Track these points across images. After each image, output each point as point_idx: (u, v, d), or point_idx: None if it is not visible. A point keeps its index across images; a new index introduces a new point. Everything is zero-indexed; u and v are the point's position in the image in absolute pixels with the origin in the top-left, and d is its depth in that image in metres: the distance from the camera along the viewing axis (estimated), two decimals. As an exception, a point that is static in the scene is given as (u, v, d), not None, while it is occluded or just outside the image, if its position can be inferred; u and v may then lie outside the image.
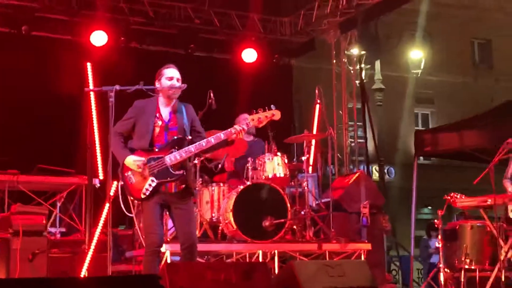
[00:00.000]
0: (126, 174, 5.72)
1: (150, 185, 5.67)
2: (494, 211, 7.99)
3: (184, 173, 5.78)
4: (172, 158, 5.71)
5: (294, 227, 8.52)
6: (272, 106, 6.06)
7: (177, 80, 5.89)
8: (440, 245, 8.83)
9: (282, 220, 8.01)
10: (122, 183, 5.79)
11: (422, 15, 20.96)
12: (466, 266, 8.29)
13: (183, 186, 5.79)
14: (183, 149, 5.75)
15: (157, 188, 5.69)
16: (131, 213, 6.18)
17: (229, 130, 5.88)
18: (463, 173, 11.29)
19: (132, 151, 5.77)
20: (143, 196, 5.69)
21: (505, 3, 25.82)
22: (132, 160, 5.68)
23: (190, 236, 5.80)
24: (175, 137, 5.80)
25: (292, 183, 8.77)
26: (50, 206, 9.42)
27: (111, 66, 10.56)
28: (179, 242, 5.84)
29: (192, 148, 5.77)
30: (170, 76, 5.89)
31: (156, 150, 5.76)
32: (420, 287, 10.52)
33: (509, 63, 25.85)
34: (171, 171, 5.70)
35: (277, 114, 6.05)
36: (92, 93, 9.59)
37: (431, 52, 23.47)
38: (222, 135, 5.85)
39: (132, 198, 5.88)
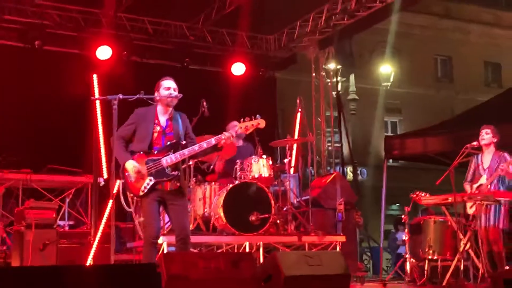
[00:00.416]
0: (126, 173, 5.71)
1: (148, 183, 5.67)
2: (454, 208, 8.01)
3: (178, 173, 5.78)
4: (168, 160, 5.71)
5: (277, 221, 8.51)
6: (258, 115, 6.09)
7: (174, 90, 5.90)
8: (406, 238, 8.87)
9: (267, 215, 8.00)
10: (123, 181, 5.77)
11: (391, 34, 21.05)
12: (430, 257, 8.32)
13: (178, 185, 5.79)
14: (178, 152, 5.76)
15: (154, 186, 5.68)
16: (131, 208, 6.14)
17: (219, 136, 5.90)
18: (427, 174, 11.32)
19: (133, 153, 5.75)
20: (141, 193, 5.68)
21: (463, 24, 26.01)
22: (132, 165, 5.66)
23: (184, 229, 5.79)
24: (171, 142, 5.80)
25: (276, 182, 8.76)
26: (60, 202, 9.39)
27: (114, 78, 10.52)
28: (175, 235, 5.82)
29: (186, 151, 5.78)
30: (168, 86, 5.89)
31: (155, 152, 5.75)
32: (389, 274, 10.51)
33: (468, 77, 26.02)
34: (167, 171, 5.70)
35: (262, 123, 6.10)
36: (97, 101, 9.57)
37: (399, 67, 23.57)
38: (213, 140, 5.87)
39: (131, 195, 5.85)
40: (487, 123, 8.85)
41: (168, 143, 5.78)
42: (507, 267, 6.83)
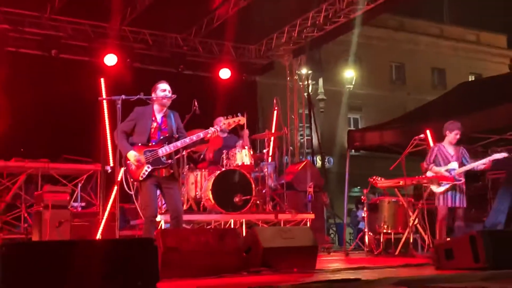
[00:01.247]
0: (128, 162, 5.70)
1: (146, 170, 5.66)
2: (405, 190, 8.09)
3: (172, 162, 5.77)
4: (163, 150, 5.71)
5: (257, 202, 8.53)
6: (239, 114, 6.13)
7: (169, 91, 5.89)
8: (365, 215, 8.90)
9: (248, 197, 8.02)
10: (125, 168, 5.77)
11: (353, 44, 21.07)
12: (384, 231, 8.36)
13: (172, 171, 5.78)
14: (172, 144, 5.75)
15: (152, 172, 5.67)
16: (132, 191, 6.13)
17: (206, 130, 5.91)
18: (383, 162, 11.38)
19: (133, 144, 5.74)
20: (140, 179, 5.67)
21: (414, 36, 26.14)
22: (132, 155, 5.65)
23: (177, 209, 5.78)
24: (166, 135, 5.80)
25: (256, 169, 8.77)
26: (73, 187, 9.34)
27: (119, 81, 10.45)
28: (169, 214, 5.82)
29: (178, 143, 5.78)
30: (163, 88, 5.88)
31: (152, 144, 5.74)
32: (351, 246, 10.57)
33: (418, 81, 26.16)
34: (163, 160, 5.70)
35: (242, 120, 6.16)
36: (104, 101, 9.50)
37: (360, 72, 23.65)
38: (201, 134, 5.88)
39: (132, 180, 5.83)
40: (433, 119, 8.93)
41: (163, 136, 5.78)
42: (448, 239, 6.88)
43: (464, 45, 27.73)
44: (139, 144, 5.73)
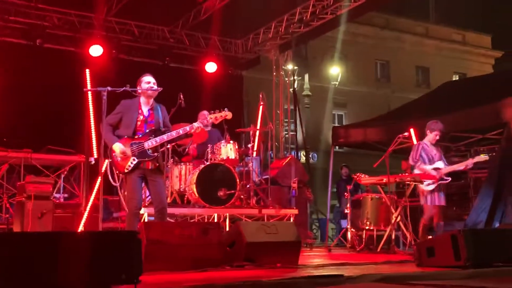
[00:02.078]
0: (113, 154, 5.65)
1: (132, 162, 5.62)
2: (388, 187, 8.12)
3: (158, 155, 5.74)
4: (149, 143, 5.66)
5: (241, 196, 8.52)
6: (226, 108, 6.09)
7: (154, 83, 5.84)
8: (348, 211, 8.92)
9: (233, 191, 8.00)
10: (110, 160, 5.71)
11: (339, 41, 21.15)
12: (367, 227, 8.39)
13: (157, 164, 5.74)
14: (158, 137, 5.71)
15: (137, 165, 5.63)
16: (117, 183, 6.09)
17: (192, 124, 5.88)
18: (366, 159, 11.44)
19: (119, 137, 5.69)
20: (126, 171, 5.63)
21: (399, 35, 26.27)
22: (118, 147, 5.61)
23: (162, 202, 5.75)
24: (152, 128, 5.75)
25: (241, 163, 8.76)
26: (56, 177, 9.25)
27: (104, 72, 10.36)
28: (154, 207, 5.79)
29: (164, 136, 5.74)
30: (148, 80, 5.83)
31: (139, 136, 5.70)
32: (333, 241, 10.62)
33: (402, 79, 26.32)
34: (148, 153, 5.66)
35: (229, 115, 6.12)
36: (89, 92, 9.45)
37: (345, 68, 23.72)
38: (187, 128, 5.85)
39: (117, 172, 5.79)
40: (417, 118, 8.98)
41: (149, 129, 5.74)
42: (430, 237, 6.94)
43: (448, 44, 27.95)
44: (125, 137, 5.68)
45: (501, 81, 10.62)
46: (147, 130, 5.72)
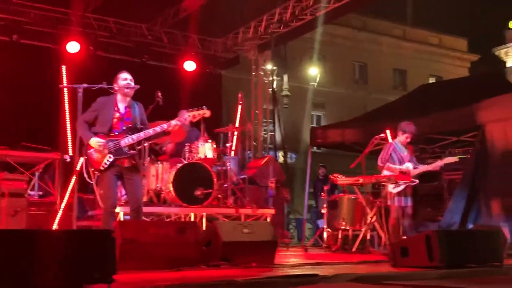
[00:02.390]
0: (89, 151, 5.58)
1: (108, 160, 5.55)
2: (364, 188, 8.18)
3: (135, 153, 5.69)
4: (126, 141, 5.61)
5: (219, 196, 8.50)
6: (204, 106, 6.07)
7: (130, 80, 5.78)
8: (325, 212, 8.97)
9: (210, 191, 7.98)
10: (86, 158, 5.64)
11: (318, 42, 21.22)
12: (343, 227, 8.45)
13: (134, 162, 5.69)
14: (135, 134, 5.66)
15: (113, 162, 5.57)
16: (92, 181, 6.01)
17: (170, 122, 5.83)
18: (344, 159, 11.49)
19: (95, 134, 5.63)
20: (102, 168, 5.56)
21: (377, 37, 26.48)
22: (95, 141, 5.54)
23: (137, 201, 5.70)
24: (129, 126, 5.70)
25: (219, 163, 8.73)
26: (30, 175, 9.13)
27: (81, 69, 10.24)
28: (129, 205, 5.74)
29: (141, 134, 5.69)
30: (125, 77, 5.78)
31: (115, 134, 5.64)
32: (310, 241, 10.65)
33: (379, 81, 26.54)
34: (125, 150, 5.60)
35: (207, 113, 6.10)
36: (65, 89, 9.33)
37: (324, 70, 23.84)
38: (165, 126, 5.81)
39: (93, 169, 5.72)
40: (393, 119, 9.03)
41: (126, 127, 5.68)
42: (404, 237, 7.00)
43: (425, 47, 28.26)
44: (101, 134, 5.61)
45: (477, 84, 10.77)
46: (124, 128, 5.67)
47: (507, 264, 5.29)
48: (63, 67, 10.08)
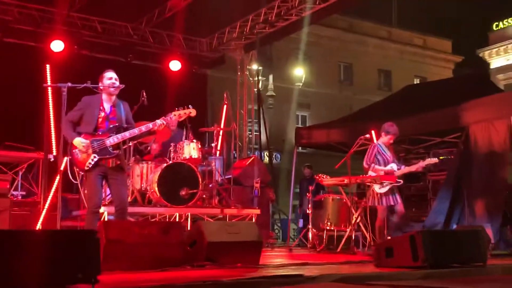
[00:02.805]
0: (74, 151, 5.54)
1: (92, 160, 5.51)
2: (349, 188, 8.20)
3: (119, 152, 5.65)
4: (111, 140, 5.57)
5: (204, 196, 8.49)
6: (190, 106, 6.05)
7: (115, 79, 5.75)
8: (310, 211, 8.97)
9: (195, 191, 7.97)
10: (70, 157, 5.60)
11: (303, 43, 21.28)
12: (328, 227, 8.47)
13: (118, 162, 5.65)
14: (120, 134, 5.62)
15: (98, 162, 5.53)
16: (77, 181, 5.97)
17: (155, 121, 5.80)
18: (329, 160, 11.52)
19: (79, 134, 5.58)
20: (86, 168, 5.52)
21: (363, 38, 26.61)
22: (79, 141, 5.50)
23: (122, 201, 5.67)
24: (114, 125, 5.66)
25: (204, 163, 8.73)
26: (14, 175, 9.05)
27: (65, 68, 10.17)
28: (114, 206, 5.70)
29: (127, 133, 5.66)
30: (110, 76, 5.74)
31: (100, 133, 5.60)
32: (294, 242, 10.67)
33: (365, 82, 26.68)
34: (110, 150, 5.57)
35: (193, 112, 6.05)
36: (49, 88, 9.26)
37: (309, 70, 23.89)
38: (150, 125, 5.77)
39: (77, 169, 5.68)
40: (378, 120, 9.07)
41: (111, 126, 5.64)
42: (389, 237, 7.03)
43: (410, 48, 28.46)
44: (85, 134, 5.57)
45: (461, 85, 10.86)
46: (109, 127, 5.63)
47: (490, 264, 5.34)
48: (47, 66, 10.00)
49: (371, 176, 7.52)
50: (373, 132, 8.64)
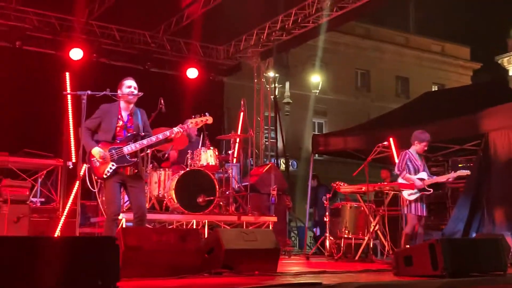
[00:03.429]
0: (92, 159, 5.59)
1: (111, 168, 5.55)
2: (367, 196, 8.16)
3: (137, 160, 5.69)
4: (129, 148, 5.61)
5: (221, 203, 8.50)
6: (206, 113, 6.08)
7: (134, 88, 5.79)
8: (327, 220, 8.94)
9: (212, 198, 7.98)
10: (89, 166, 5.64)
11: (320, 49, 21.27)
12: (345, 235, 8.42)
13: (136, 171, 5.69)
14: (138, 142, 5.66)
15: (116, 170, 5.57)
16: (95, 189, 6.01)
17: (172, 129, 5.83)
18: (346, 167, 11.47)
19: (98, 142, 5.63)
20: (105, 176, 5.56)
21: (380, 44, 26.52)
22: (97, 151, 5.55)
23: (141, 208, 5.69)
24: (132, 133, 5.70)
25: (220, 170, 8.74)
26: (33, 181, 9.14)
27: (84, 76, 10.25)
28: (133, 213, 5.73)
29: (145, 141, 5.69)
30: (129, 85, 5.78)
31: (118, 142, 5.64)
32: (311, 250, 10.63)
33: (382, 88, 26.57)
34: (128, 158, 5.60)
35: (210, 119, 6.10)
36: (68, 96, 9.35)
37: (326, 77, 23.85)
38: (167, 133, 5.80)
39: (96, 177, 5.72)
40: (396, 127, 9.03)
41: (129, 134, 5.68)
42: (408, 246, 6.97)
43: (428, 55, 28.30)
44: (104, 142, 5.62)
45: (479, 93, 10.79)
46: (127, 135, 5.67)
47: (510, 273, 5.28)
48: (67, 74, 10.11)
49: (389, 183, 7.49)
50: (391, 139, 8.61)
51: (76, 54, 11.01)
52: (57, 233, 7.96)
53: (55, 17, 11.26)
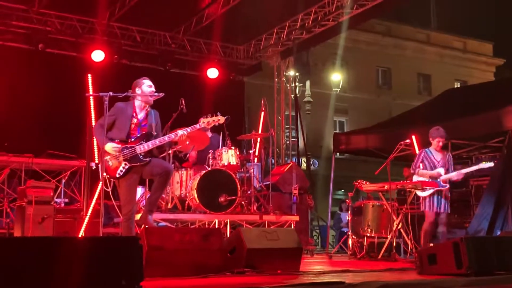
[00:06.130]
0: (105, 158, 5.60)
1: (124, 167, 5.56)
2: (389, 194, 8.11)
3: (150, 160, 5.66)
4: (141, 148, 5.62)
5: (242, 202, 8.49)
6: (218, 113, 6.13)
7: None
8: (349, 218, 8.91)
9: (234, 197, 7.99)
10: (102, 164, 5.65)
11: (341, 48, 21.16)
12: (368, 234, 8.39)
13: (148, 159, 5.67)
14: (150, 141, 5.67)
15: (129, 170, 5.59)
16: (108, 188, 6.04)
17: (176, 131, 5.81)
18: (368, 165, 11.40)
19: (111, 140, 5.62)
20: (118, 176, 5.58)
21: (401, 42, 26.29)
22: (111, 147, 5.56)
23: (165, 167, 5.72)
24: (144, 132, 5.71)
25: (242, 169, 8.74)
26: (57, 182, 9.24)
27: (106, 77, 10.36)
28: (155, 174, 5.67)
29: (157, 141, 5.69)
30: (150, 84, 5.82)
31: (131, 140, 5.65)
32: (334, 248, 10.59)
33: (403, 86, 26.32)
34: (140, 157, 5.62)
35: (221, 119, 6.14)
36: (91, 97, 9.44)
37: (347, 75, 23.71)
38: (172, 135, 5.79)
39: (108, 176, 5.73)
40: (418, 125, 8.94)
41: (142, 133, 5.70)
42: (431, 245, 6.91)
43: (450, 52, 27.96)
44: (117, 141, 5.63)
45: (503, 89, 10.63)
46: (139, 134, 5.69)
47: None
48: (89, 76, 10.22)
49: (412, 181, 7.43)
50: (413, 137, 8.53)
51: (97, 56, 11.13)
52: (81, 233, 8.04)
53: (77, 19, 11.39)
